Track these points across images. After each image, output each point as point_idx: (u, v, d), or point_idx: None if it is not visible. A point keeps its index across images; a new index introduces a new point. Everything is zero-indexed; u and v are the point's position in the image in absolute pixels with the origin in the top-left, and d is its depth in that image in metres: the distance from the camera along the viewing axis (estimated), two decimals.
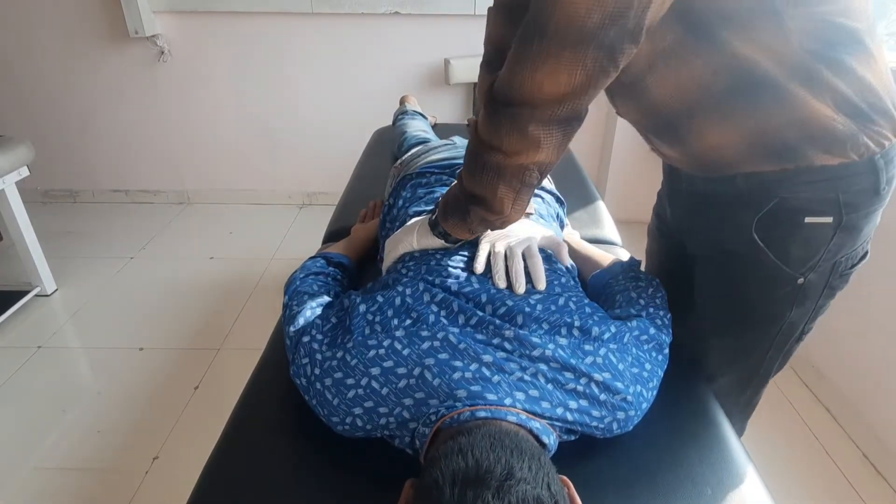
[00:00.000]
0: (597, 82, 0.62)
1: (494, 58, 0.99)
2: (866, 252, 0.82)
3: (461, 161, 1.24)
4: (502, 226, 0.83)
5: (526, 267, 0.85)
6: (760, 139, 0.71)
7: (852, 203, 0.73)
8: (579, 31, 0.57)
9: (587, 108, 0.66)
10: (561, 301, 0.80)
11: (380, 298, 0.80)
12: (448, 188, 0.89)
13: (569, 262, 0.96)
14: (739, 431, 1.08)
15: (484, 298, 0.80)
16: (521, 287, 0.82)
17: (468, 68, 2.65)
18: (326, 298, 0.93)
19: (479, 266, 0.85)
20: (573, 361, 0.72)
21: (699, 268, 0.94)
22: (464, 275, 0.84)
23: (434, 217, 0.90)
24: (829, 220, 0.74)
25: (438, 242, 0.91)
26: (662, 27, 0.64)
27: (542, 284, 0.83)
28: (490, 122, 0.70)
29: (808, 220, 0.74)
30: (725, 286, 0.89)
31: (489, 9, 0.97)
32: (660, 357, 0.82)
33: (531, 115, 0.65)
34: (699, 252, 0.92)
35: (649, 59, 0.69)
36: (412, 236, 0.93)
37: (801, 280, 0.80)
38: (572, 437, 0.76)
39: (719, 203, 0.82)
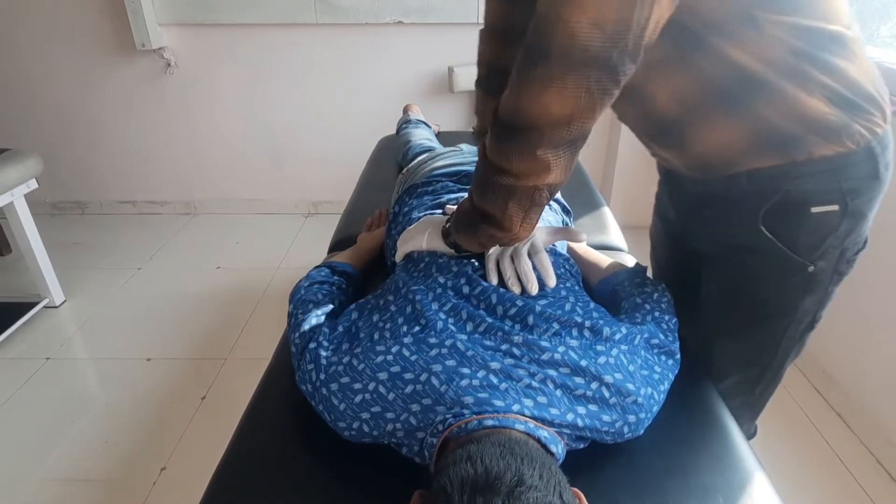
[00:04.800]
0: (602, 103, 0.63)
1: (487, 78, 1.01)
2: (867, 237, 0.84)
3: (467, 167, 1.24)
4: (510, 242, 0.84)
5: (535, 265, 0.85)
6: (761, 135, 0.73)
7: (855, 189, 0.75)
8: (582, 54, 0.58)
9: (592, 127, 0.67)
10: (567, 306, 0.80)
11: (392, 308, 0.80)
12: (461, 200, 0.89)
13: (584, 237, 0.94)
14: (750, 431, 1.07)
15: (494, 299, 0.80)
16: (533, 287, 0.82)
17: (472, 76, 2.63)
18: (331, 307, 0.93)
19: (493, 278, 0.84)
20: (584, 363, 0.72)
21: (707, 267, 0.94)
22: (475, 275, 0.85)
23: (446, 226, 0.91)
24: (835, 208, 0.75)
25: (448, 250, 0.91)
26: (655, 44, 0.65)
27: (551, 280, 0.84)
28: (498, 146, 0.70)
29: (814, 209, 0.76)
30: (736, 282, 0.89)
31: (481, 31, 0.97)
32: (670, 362, 0.81)
33: (539, 139, 0.66)
34: (706, 250, 0.92)
35: (645, 70, 0.70)
36: (423, 237, 0.94)
37: (811, 268, 0.81)
38: (582, 445, 0.75)
39: (723, 201, 0.83)
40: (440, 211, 1.08)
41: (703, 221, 0.90)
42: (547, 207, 1.17)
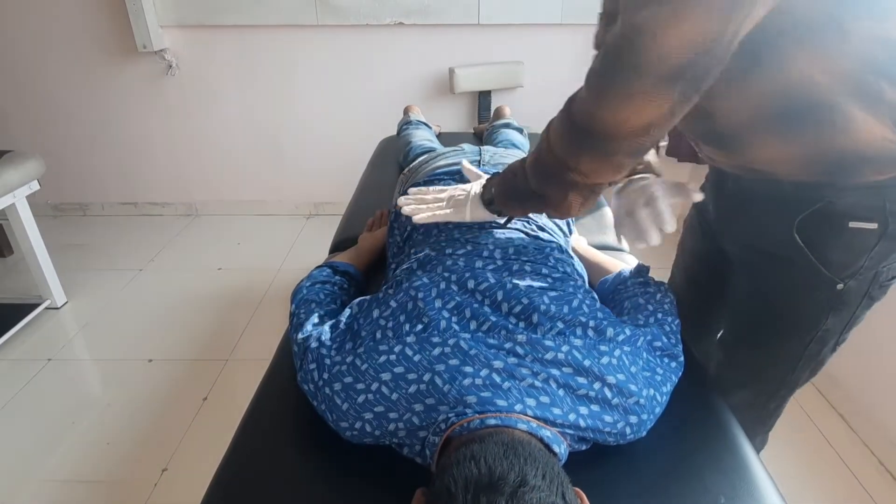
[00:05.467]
0: (682, 110, 0.61)
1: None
2: None
3: None
4: (562, 218, 0.84)
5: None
6: (813, 159, 0.70)
7: None
8: (672, 70, 0.56)
9: (668, 131, 0.66)
10: (575, 302, 0.80)
11: (393, 303, 0.80)
12: (508, 168, 0.88)
13: (698, 196, 0.87)
14: (760, 444, 1.05)
15: (500, 296, 0.80)
16: (670, 226, 0.80)
17: (473, 77, 2.66)
18: (333, 307, 0.93)
19: (671, 225, 0.81)
20: (587, 363, 0.72)
21: (734, 270, 0.92)
22: (480, 272, 0.85)
23: (487, 197, 0.92)
24: (874, 226, 0.72)
25: (493, 216, 0.95)
26: None
27: (670, 226, 0.81)
28: (570, 144, 0.69)
29: (852, 224, 0.72)
30: (761, 290, 0.87)
31: None
32: (673, 364, 0.81)
33: (617, 148, 0.64)
34: (736, 252, 0.90)
35: None
36: (465, 209, 0.95)
37: (840, 286, 0.77)
38: (584, 447, 0.75)
39: (763, 201, 0.80)
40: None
41: (739, 222, 0.88)
42: None
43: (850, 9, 0.59)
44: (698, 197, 0.85)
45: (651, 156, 0.91)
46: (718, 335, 1.04)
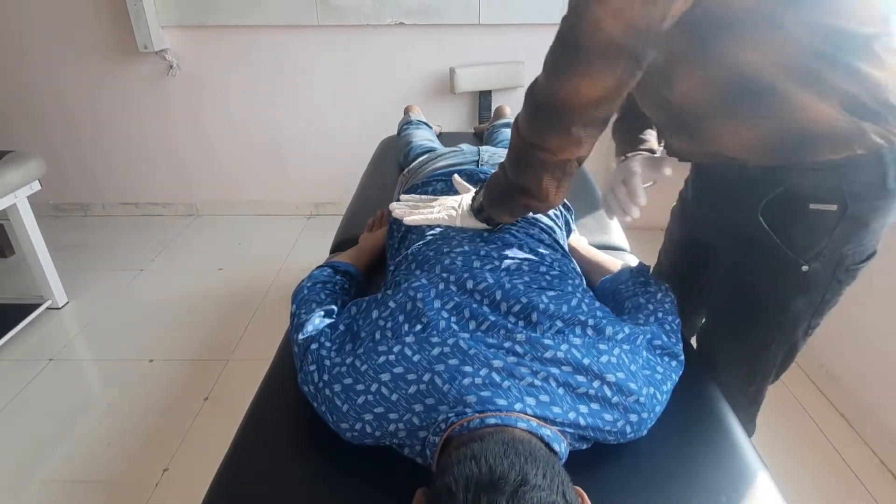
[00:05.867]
0: (627, 84, 0.69)
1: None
2: (875, 250, 0.82)
3: (467, 167, 1.24)
4: (545, 210, 0.89)
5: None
6: (770, 141, 0.74)
7: (857, 193, 0.74)
8: (607, 45, 0.64)
9: (619, 105, 0.73)
10: (573, 301, 0.80)
11: (392, 304, 0.80)
12: (492, 174, 0.95)
13: (669, 171, 0.99)
14: (749, 431, 1.07)
15: (499, 295, 0.80)
16: (642, 201, 0.92)
17: (473, 77, 2.66)
18: (334, 307, 0.93)
19: (641, 200, 0.93)
20: (586, 361, 0.72)
21: (712, 256, 0.96)
22: (479, 272, 0.85)
23: (476, 205, 0.97)
24: (834, 208, 0.76)
25: (482, 225, 0.99)
26: (670, 37, 0.67)
27: (642, 200, 0.93)
28: (533, 124, 0.77)
29: (812, 206, 0.76)
30: (734, 274, 0.91)
31: None
32: (673, 363, 0.81)
33: (572, 118, 0.72)
34: (713, 238, 0.95)
35: (664, 64, 0.73)
36: (455, 217, 0.99)
37: (805, 267, 0.81)
38: (584, 445, 0.75)
39: (732, 187, 0.85)
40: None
41: (713, 208, 0.93)
42: None
43: (780, 0, 0.65)
44: (669, 172, 0.95)
45: (650, 135, 1.00)
46: (699, 323, 1.08)
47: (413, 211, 1.02)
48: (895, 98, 0.69)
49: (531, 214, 1.06)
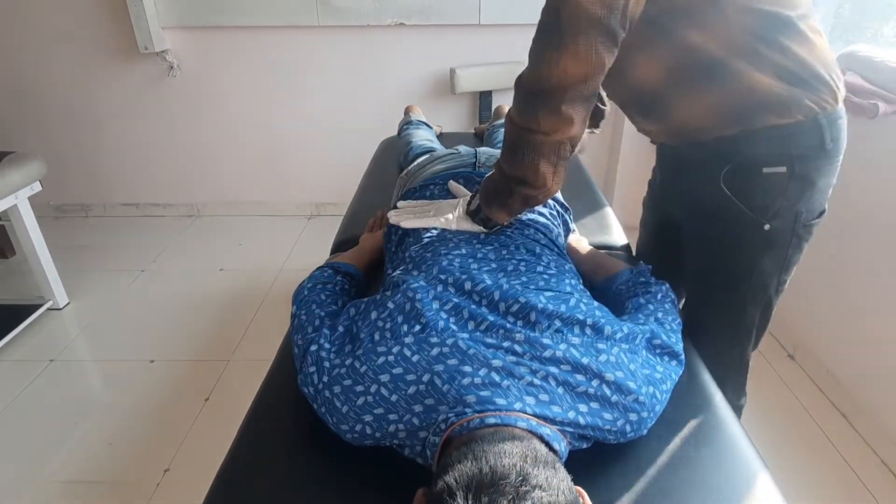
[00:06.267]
0: (608, 59, 0.77)
1: None
2: (825, 209, 0.94)
3: (464, 170, 1.24)
4: (545, 199, 0.93)
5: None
6: (722, 109, 0.85)
7: (801, 155, 0.86)
8: (587, 20, 0.72)
9: (601, 82, 0.80)
10: (572, 301, 0.80)
11: (390, 305, 0.80)
12: (485, 179, 0.99)
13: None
14: (738, 398, 1.13)
15: (497, 296, 0.80)
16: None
17: (474, 77, 2.66)
18: (334, 308, 0.93)
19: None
20: (585, 360, 0.72)
21: (684, 232, 1.04)
22: (476, 273, 0.85)
23: (473, 207, 1.00)
24: (783, 169, 0.87)
25: (479, 227, 1.01)
26: (635, 28, 0.77)
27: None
28: (525, 108, 0.82)
29: (765, 170, 0.87)
30: (705, 246, 0.99)
31: None
32: (673, 363, 0.81)
33: (562, 97, 0.78)
34: (682, 214, 1.04)
35: (626, 51, 0.81)
36: (452, 220, 1.02)
37: (767, 226, 0.90)
38: (585, 445, 0.75)
39: (695, 164, 0.94)
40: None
41: (680, 187, 1.02)
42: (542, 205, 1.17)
43: None
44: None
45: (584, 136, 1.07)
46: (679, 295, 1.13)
47: (409, 215, 1.05)
48: (821, 69, 0.82)
49: (527, 215, 1.06)
